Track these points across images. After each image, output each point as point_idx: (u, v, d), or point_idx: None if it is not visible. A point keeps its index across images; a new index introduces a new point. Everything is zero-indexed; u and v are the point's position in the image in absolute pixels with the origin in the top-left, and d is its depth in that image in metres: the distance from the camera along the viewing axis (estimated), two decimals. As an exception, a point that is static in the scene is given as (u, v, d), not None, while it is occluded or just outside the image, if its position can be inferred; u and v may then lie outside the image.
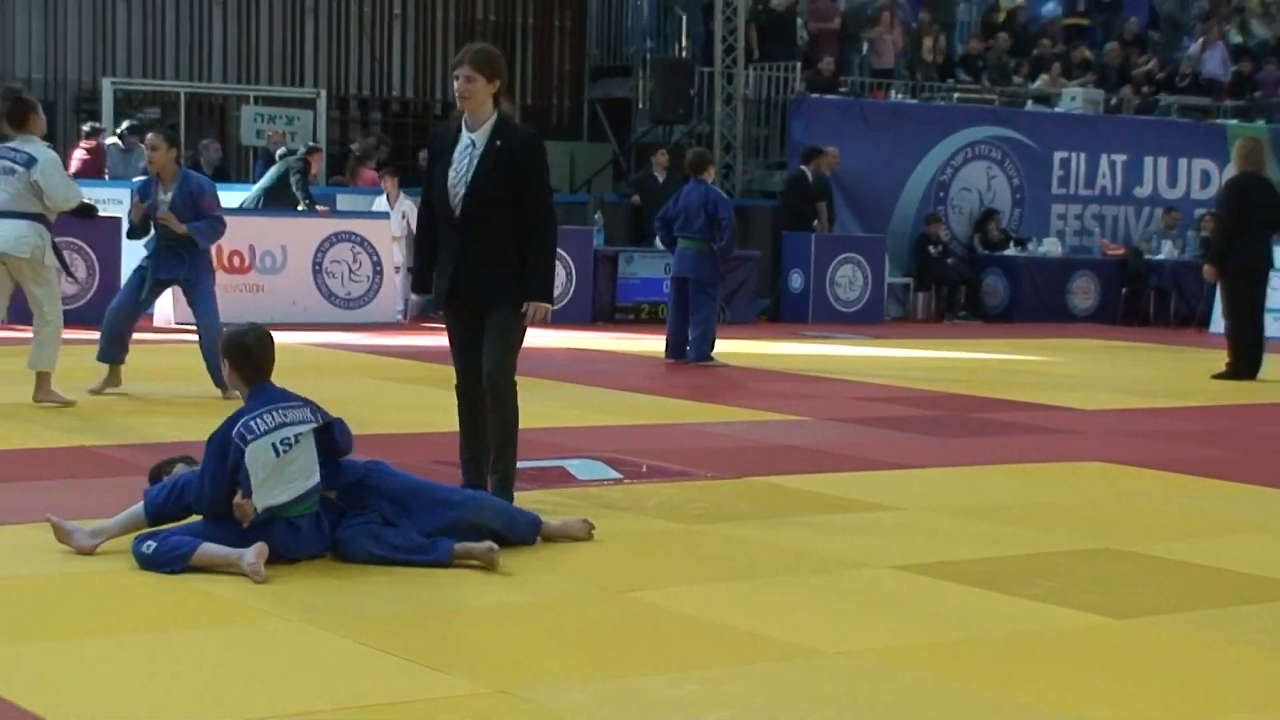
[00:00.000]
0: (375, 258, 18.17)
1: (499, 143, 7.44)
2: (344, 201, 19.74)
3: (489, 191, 7.39)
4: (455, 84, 7.51)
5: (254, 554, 6.19)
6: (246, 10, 22.63)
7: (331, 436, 6.66)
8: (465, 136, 7.49)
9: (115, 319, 11.41)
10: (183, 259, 11.38)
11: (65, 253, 15.64)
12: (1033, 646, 5.79)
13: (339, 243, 18.01)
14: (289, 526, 6.43)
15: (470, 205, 7.39)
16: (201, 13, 22.42)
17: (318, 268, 17.92)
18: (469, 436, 7.80)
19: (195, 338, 11.85)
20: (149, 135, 11.88)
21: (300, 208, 18.58)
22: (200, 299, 11.45)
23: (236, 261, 16.97)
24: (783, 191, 21.45)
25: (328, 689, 5.03)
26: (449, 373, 7.90)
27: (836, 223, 21.40)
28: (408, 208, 18.15)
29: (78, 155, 18.53)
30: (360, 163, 20.87)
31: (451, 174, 7.45)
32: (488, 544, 6.52)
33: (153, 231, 11.44)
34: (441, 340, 8.13)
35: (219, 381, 10.65)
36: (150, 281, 11.53)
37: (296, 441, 6.46)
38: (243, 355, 6.69)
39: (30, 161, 10.42)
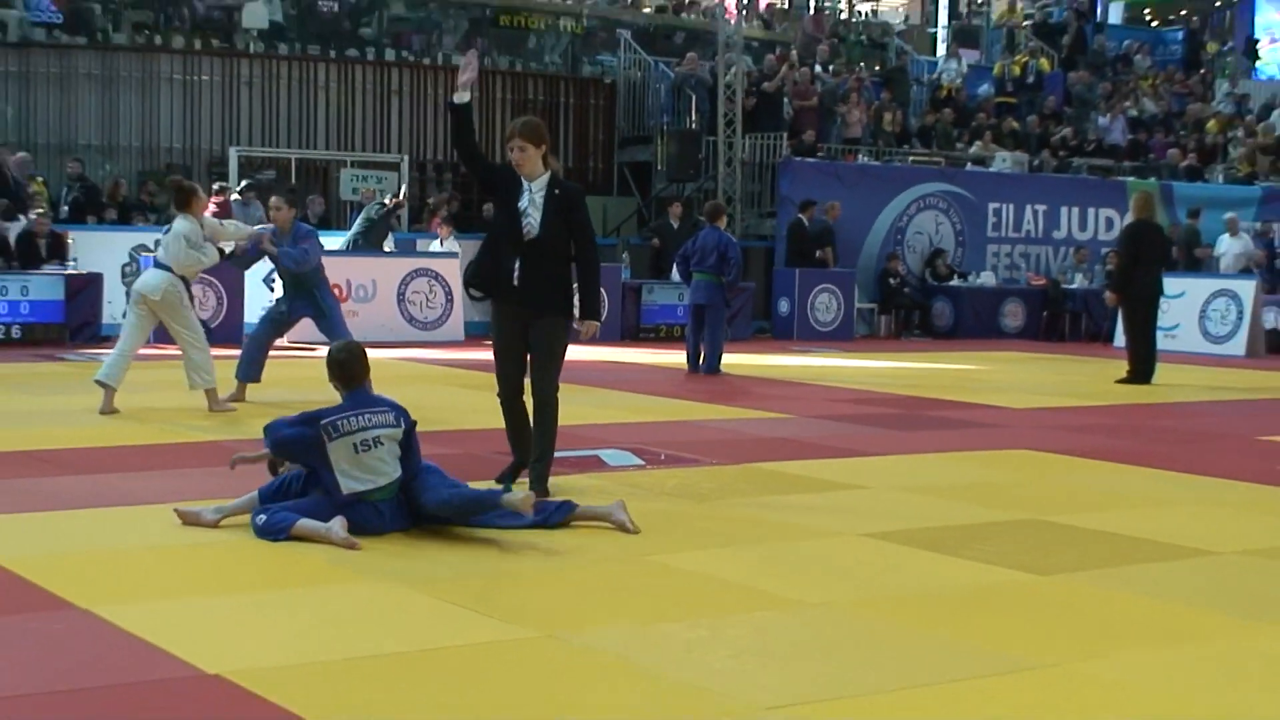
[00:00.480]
0: (447, 289, 18.19)
1: (557, 192, 7.47)
2: (421, 244, 19.77)
3: (553, 229, 7.41)
4: (511, 154, 7.49)
5: (338, 526, 6.27)
6: (344, 92, 22.70)
7: (410, 440, 6.69)
8: (525, 183, 7.47)
9: (251, 347, 11.49)
10: (312, 296, 11.45)
11: (199, 287, 15.83)
12: (971, 597, 5.80)
13: (418, 277, 18.07)
14: (373, 509, 6.50)
15: (539, 236, 7.39)
16: (308, 93, 22.51)
17: (401, 297, 17.98)
18: (514, 431, 7.78)
19: (308, 354, 11.91)
20: (274, 198, 11.83)
21: (387, 248, 18.65)
22: (333, 325, 11.48)
23: (336, 293, 16.96)
24: (787, 236, 21.45)
25: (410, 634, 5.07)
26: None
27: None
28: (456, 246, 18.54)
29: (210, 208, 18.59)
30: (434, 214, 20.93)
31: (522, 206, 7.41)
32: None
33: (276, 278, 11.52)
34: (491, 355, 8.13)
35: None
36: (287, 318, 11.60)
37: (377, 443, 6.51)
38: (335, 367, 6.80)
39: (187, 243, 10.54)
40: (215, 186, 19.24)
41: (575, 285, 7.73)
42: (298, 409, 7.32)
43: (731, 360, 15.43)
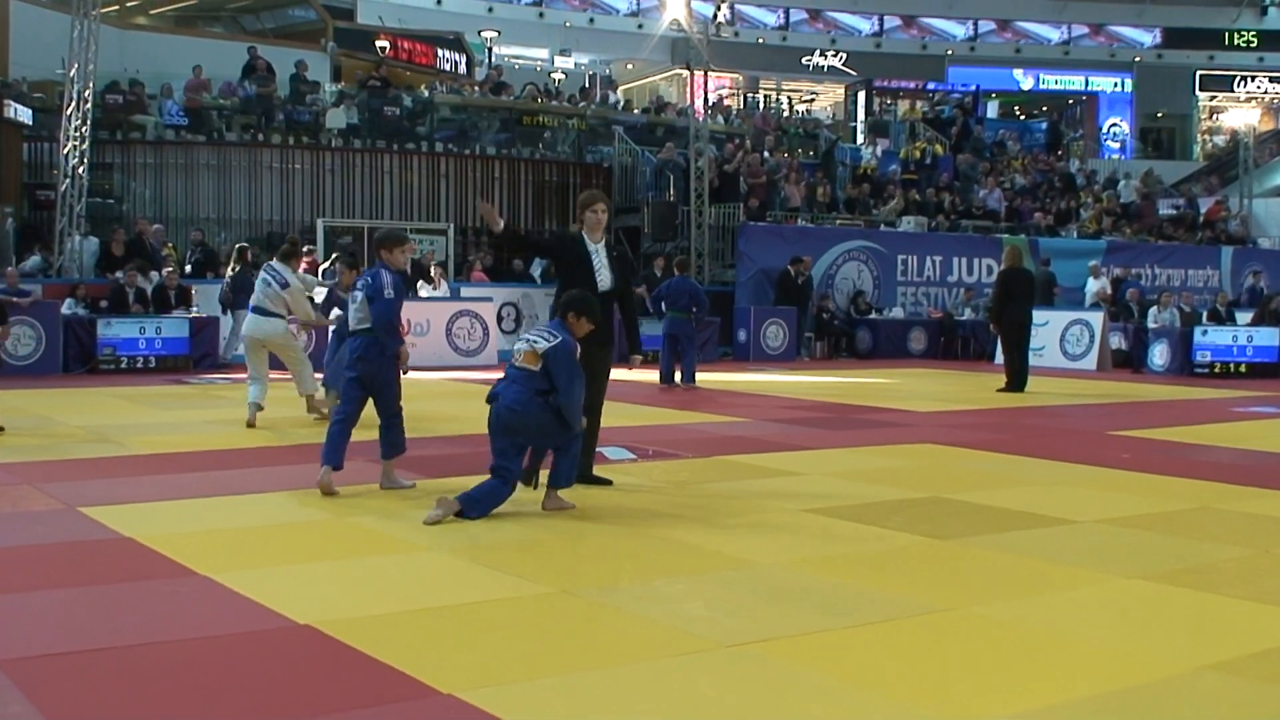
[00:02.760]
0: (484, 326, 18.15)
1: (615, 253, 7.39)
2: (465, 291, 19.73)
3: (618, 281, 7.33)
4: (592, 215, 7.31)
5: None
6: (404, 176, 22.71)
7: None
8: (589, 244, 7.30)
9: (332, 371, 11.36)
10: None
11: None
12: (887, 557, 5.78)
13: (462, 316, 18.04)
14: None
15: (612, 287, 7.31)
16: (377, 177, 22.51)
17: (449, 332, 17.95)
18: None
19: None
20: (338, 265, 11.81)
21: (424, 294, 18.50)
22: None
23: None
24: (776, 283, 21.47)
25: (458, 591, 5.04)
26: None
27: (765, 297, 21.42)
28: (446, 291, 18.70)
29: (302, 266, 18.54)
30: (471, 268, 20.90)
31: (595, 266, 7.26)
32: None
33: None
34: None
35: None
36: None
37: None
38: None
39: (285, 285, 10.43)
40: (305, 249, 19.25)
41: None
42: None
43: (702, 377, 15.44)
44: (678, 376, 14.93)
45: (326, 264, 18.38)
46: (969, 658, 4.25)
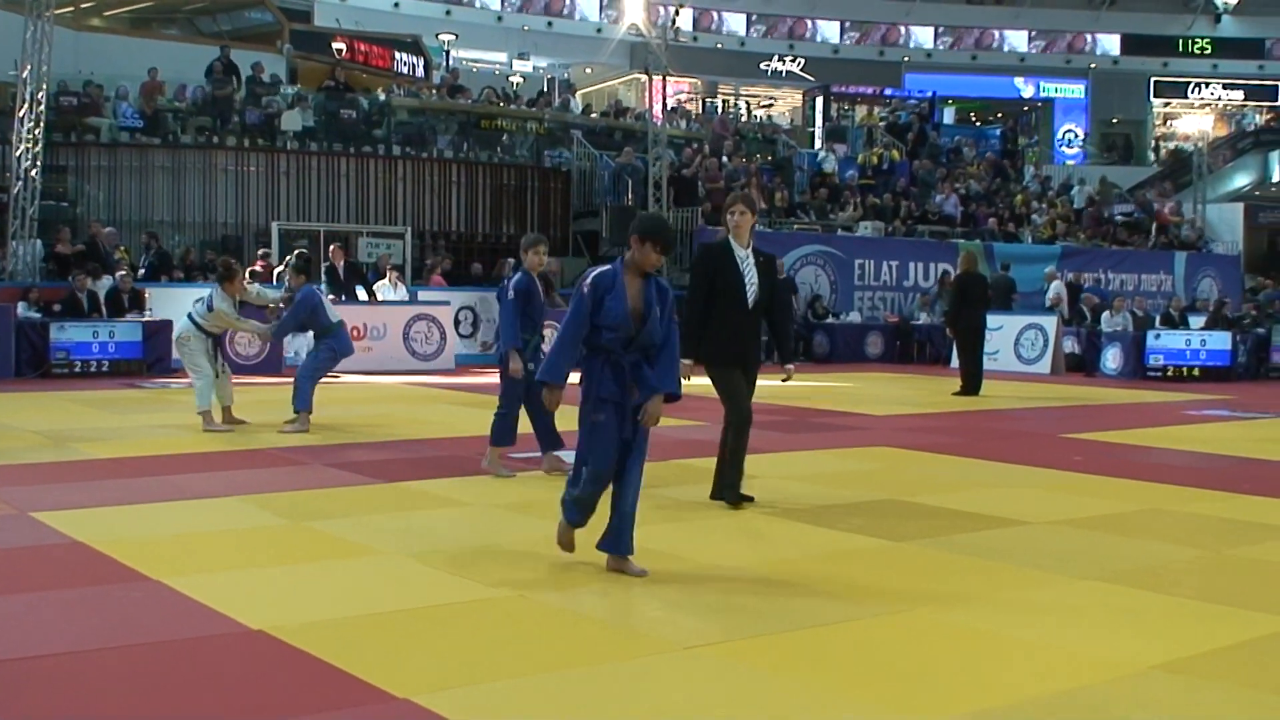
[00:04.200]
0: (441, 330, 18.07)
1: (761, 259, 7.03)
2: (423, 295, 19.62)
3: (764, 291, 6.98)
4: (732, 218, 6.92)
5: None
6: (361, 179, 22.60)
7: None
8: (739, 251, 6.91)
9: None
10: (325, 340, 10.94)
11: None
12: (846, 557, 5.82)
13: (419, 320, 17.94)
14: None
15: (758, 299, 6.95)
16: (333, 180, 22.37)
17: (406, 336, 17.86)
18: (736, 455, 7.27)
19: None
20: (288, 269, 11.37)
21: (363, 295, 18.33)
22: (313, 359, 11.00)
23: (357, 333, 16.88)
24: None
25: (414, 595, 5.03)
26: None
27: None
28: (404, 293, 18.75)
29: (257, 269, 18.41)
30: (431, 272, 20.80)
31: (748, 278, 6.90)
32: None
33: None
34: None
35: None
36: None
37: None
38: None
39: (208, 310, 10.23)
40: (260, 253, 19.14)
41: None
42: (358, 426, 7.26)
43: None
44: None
45: (281, 267, 18.22)
46: (923, 658, 4.28)
